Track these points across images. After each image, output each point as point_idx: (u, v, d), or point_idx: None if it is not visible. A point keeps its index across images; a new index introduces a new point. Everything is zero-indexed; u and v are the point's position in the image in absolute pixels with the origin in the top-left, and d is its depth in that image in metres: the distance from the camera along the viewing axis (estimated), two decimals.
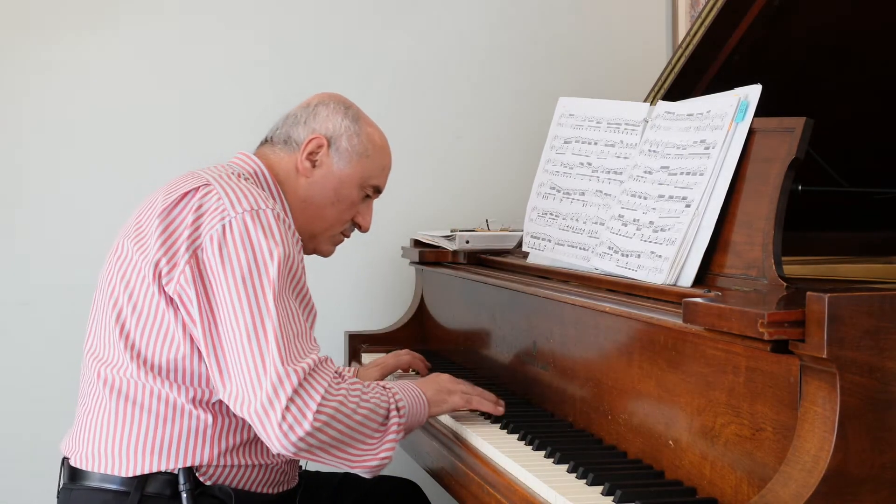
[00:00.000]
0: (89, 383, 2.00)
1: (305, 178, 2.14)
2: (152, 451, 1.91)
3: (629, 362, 1.84)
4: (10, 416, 3.18)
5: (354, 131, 2.17)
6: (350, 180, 2.16)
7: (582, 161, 2.31)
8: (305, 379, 1.83)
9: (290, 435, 1.80)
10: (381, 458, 1.92)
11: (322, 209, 2.16)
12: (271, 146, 2.17)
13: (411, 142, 3.42)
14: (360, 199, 2.20)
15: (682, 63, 2.33)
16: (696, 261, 1.84)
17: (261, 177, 2.12)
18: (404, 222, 3.36)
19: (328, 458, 1.89)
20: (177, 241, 1.91)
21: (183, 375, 1.92)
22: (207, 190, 1.94)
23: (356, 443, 1.90)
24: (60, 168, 3.21)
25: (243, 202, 1.92)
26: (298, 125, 2.16)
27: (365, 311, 3.38)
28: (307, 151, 2.13)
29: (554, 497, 1.64)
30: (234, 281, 1.86)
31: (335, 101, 2.20)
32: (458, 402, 2.11)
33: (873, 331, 1.35)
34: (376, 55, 3.40)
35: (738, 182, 1.82)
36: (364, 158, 2.17)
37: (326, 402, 1.83)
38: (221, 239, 1.88)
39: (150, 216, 1.98)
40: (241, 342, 1.84)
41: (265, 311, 1.85)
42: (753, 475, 1.50)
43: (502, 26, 3.49)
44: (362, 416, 1.89)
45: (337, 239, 2.24)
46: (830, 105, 2.18)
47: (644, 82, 2.66)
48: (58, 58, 3.20)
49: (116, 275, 1.98)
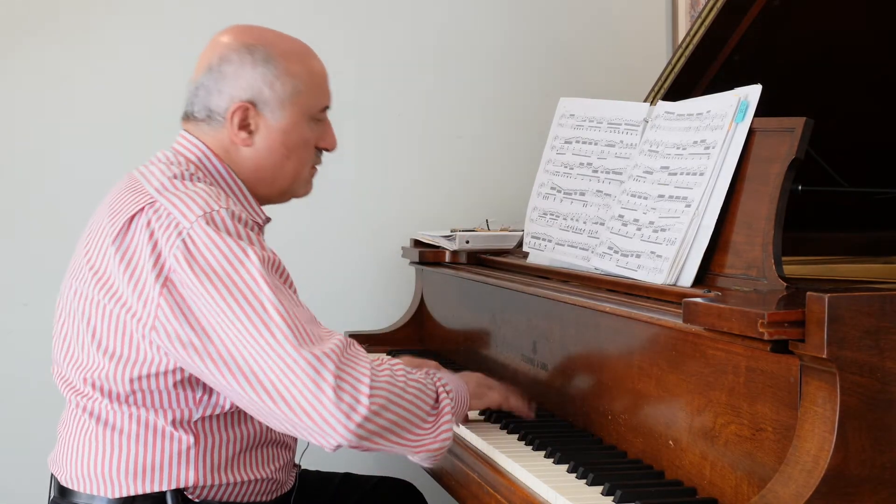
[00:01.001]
0: (67, 407, 1.94)
1: (248, 148, 1.96)
2: (135, 474, 1.85)
3: (629, 362, 1.84)
4: (11, 415, 3.18)
5: (273, 75, 1.94)
6: (294, 125, 1.97)
7: (582, 161, 2.31)
8: (344, 359, 1.73)
9: (350, 421, 1.70)
10: (441, 440, 1.84)
11: (279, 167, 1.99)
12: (197, 124, 1.98)
13: (411, 142, 3.42)
14: (313, 129, 2.01)
15: (682, 63, 2.33)
16: (696, 261, 1.84)
17: (206, 162, 1.95)
18: (404, 222, 3.35)
19: (389, 443, 1.78)
20: (140, 271, 1.79)
21: (160, 400, 1.84)
22: (154, 207, 1.81)
23: (413, 425, 1.81)
24: (61, 168, 3.21)
25: (194, 208, 1.79)
26: (212, 94, 1.95)
27: (365, 311, 3.37)
28: (236, 123, 1.94)
29: (554, 497, 1.64)
30: (219, 292, 1.74)
31: (236, 50, 1.95)
32: (497, 398, 2.09)
33: (873, 331, 1.35)
34: (376, 55, 3.40)
35: (738, 182, 1.82)
36: (297, 96, 1.96)
37: (377, 378, 1.75)
38: (187, 254, 1.76)
39: (100, 246, 1.86)
40: (257, 349, 1.72)
41: (268, 308, 1.73)
42: (753, 475, 1.50)
43: (503, 26, 3.48)
44: (412, 395, 1.81)
45: (310, 176, 2.08)
46: (830, 105, 2.18)
47: (644, 82, 2.66)
48: (60, 57, 3.21)
49: (77, 312, 1.88)
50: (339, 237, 3.38)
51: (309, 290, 3.33)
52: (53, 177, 3.21)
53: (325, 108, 2.04)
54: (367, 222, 3.40)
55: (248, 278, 1.75)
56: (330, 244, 3.37)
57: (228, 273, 1.75)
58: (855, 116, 2.29)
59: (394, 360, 1.88)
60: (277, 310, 1.73)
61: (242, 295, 1.74)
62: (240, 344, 1.74)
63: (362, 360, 1.76)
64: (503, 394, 2.11)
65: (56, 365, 1.96)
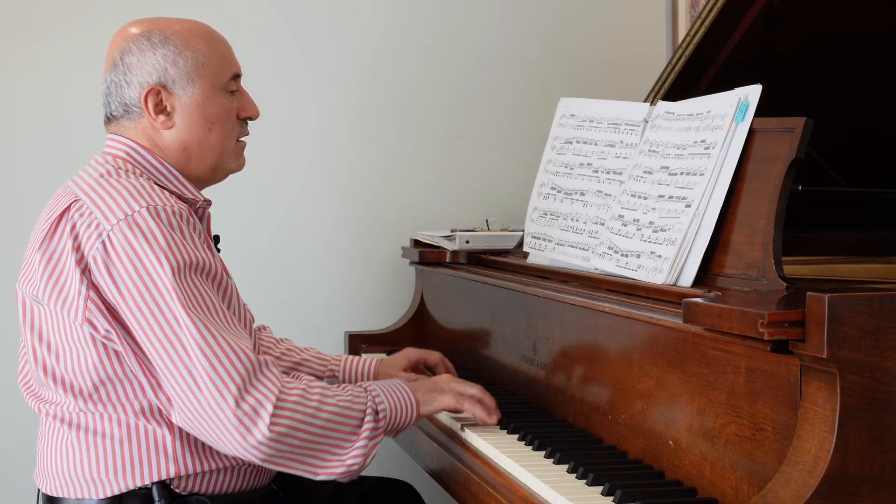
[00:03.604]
0: (41, 422, 1.98)
1: (170, 130, 1.99)
2: (117, 472, 1.88)
3: (629, 362, 1.84)
4: (10, 416, 3.18)
5: (174, 53, 1.97)
6: (207, 97, 1.99)
7: (582, 161, 2.31)
8: (251, 380, 1.79)
9: (246, 442, 1.78)
10: (348, 465, 1.88)
11: (205, 142, 2.01)
12: (118, 122, 2.01)
13: (411, 142, 3.42)
14: (230, 99, 2.03)
15: (682, 63, 2.33)
16: (696, 261, 1.84)
17: (135, 154, 1.98)
18: (404, 222, 3.36)
19: (297, 465, 1.85)
20: (66, 271, 1.86)
21: (123, 389, 1.88)
22: (78, 206, 1.87)
23: (324, 449, 1.86)
24: (62, 168, 3.20)
25: (115, 210, 1.84)
26: (123, 88, 1.98)
27: (365, 311, 3.37)
28: (152, 107, 1.97)
29: (554, 497, 1.64)
30: (133, 302, 1.81)
31: (134, 40, 1.98)
32: (449, 402, 2.07)
33: (873, 331, 1.35)
34: (376, 54, 3.40)
35: (739, 182, 1.82)
36: (201, 68, 1.99)
37: (283, 402, 1.80)
38: (106, 258, 1.82)
39: (31, 251, 1.93)
40: (165, 362, 1.80)
41: (174, 323, 1.79)
42: (753, 475, 1.50)
43: (503, 26, 3.48)
44: (325, 420, 1.85)
45: (239, 148, 2.08)
46: (830, 105, 2.18)
47: (644, 82, 2.66)
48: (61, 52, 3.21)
49: (23, 321, 1.95)
50: (339, 237, 3.38)
51: (309, 291, 3.36)
52: (52, 177, 3.21)
53: (236, 77, 2.06)
54: (368, 222, 3.40)
55: (156, 293, 1.81)
56: (330, 244, 3.37)
57: (137, 286, 1.81)
58: (855, 116, 2.29)
59: (315, 382, 1.90)
60: (187, 326, 1.80)
61: (150, 310, 1.81)
62: (150, 353, 1.82)
63: (270, 383, 1.81)
64: (457, 398, 2.07)
65: (20, 376, 2.02)
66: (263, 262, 3.29)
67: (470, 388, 2.11)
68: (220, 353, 1.79)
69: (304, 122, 3.34)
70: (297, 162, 3.35)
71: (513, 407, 2.18)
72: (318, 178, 3.37)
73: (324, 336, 3.22)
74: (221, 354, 1.79)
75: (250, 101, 2.09)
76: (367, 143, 3.40)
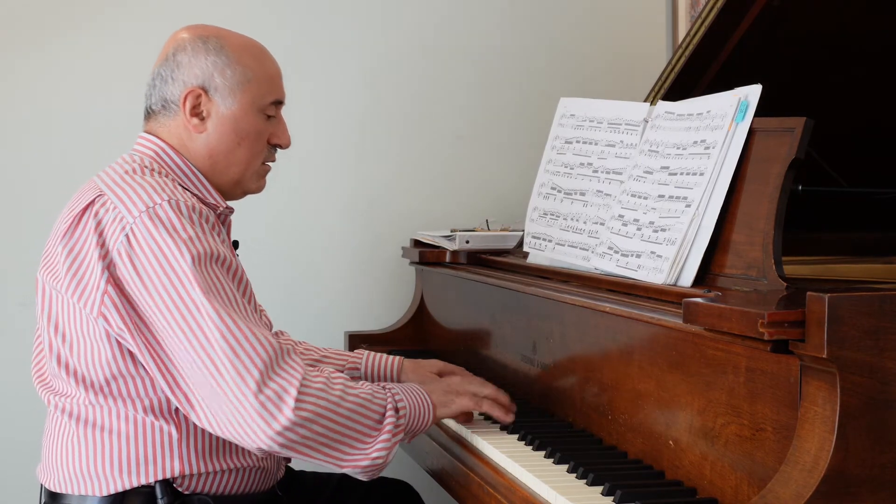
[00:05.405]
0: (48, 414, 1.98)
1: (201, 134, 2.01)
2: (121, 469, 1.89)
3: (629, 362, 1.84)
4: (10, 416, 3.18)
5: (224, 63, 2.00)
6: (244, 114, 2.02)
7: (583, 161, 2.31)
8: (274, 366, 1.79)
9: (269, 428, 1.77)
10: (372, 458, 1.87)
11: (231, 155, 2.03)
12: (155, 118, 2.04)
13: (412, 142, 3.42)
14: (265, 122, 2.06)
15: (682, 63, 2.33)
16: (697, 261, 1.84)
17: (163, 155, 2.01)
18: (404, 222, 3.35)
19: (316, 454, 1.84)
20: (87, 264, 1.87)
21: (135, 384, 1.88)
22: (102, 200, 1.89)
23: (347, 439, 1.85)
24: (62, 169, 3.21)
25: (137, 203, 1.86)
26: (167, 84, 2.01)
27: (365, 311, 3.37)
28: (188, 108, 2.00)
29: (554, 497, 1.64)
30: (157, 292, 1.82)
31: (191, 41, 2.02)
32: (467, 403, 2.07)
33: (873, 331, 1.35)
34: (376, 55, 3.40)
35: (739, 182, 1.82)
36: (246, 84, 2.01)
37: (307, 389, 1.80)
38: (130, 251, 1.84)
39: (54, 241, 1.94)
40: (186, 351, 1.80)
41: (196, 311, 1.80)
42: (753, 475, 1.50)
43: (503, 27, 3.48)
44: (348, 410, 1.85)
45: (262, 171, 2.10)
46: (830, 105, 2.18)
47: (644, 82, 2.66)
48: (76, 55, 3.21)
49: (41, 310, 1.96)
50: (339, 237, 3.38)
51: (309, 291, 3.36)
52: (51, 177, 3.21)
53: (278, 103, 2.08)
54: (368, 222, 3.40)
55: (177, 281, 1.82)
56: (330, 244, 3.37)
57: (159, 275, 1.82)
58: (855, 116, 2.29)
59: (337, 374, 1.90)
60: (207, 313, 1.80)
61: (171, 299, 1.81)
62: (171, 344, 1.82)
63: (293, 369, 1.81)
64: (475, 399, 2.08)
65: (33, 366, 2.02)
66: (263, 262, 3.29)
67: (484, 388, 2.11)
68: (243, 338, 1.80)
69: (305, 123, 3.33)
70: (297, 162, 3.34)
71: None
72: (318, 179, 3.37)
73: (324, 336, 3.21)
74: (244, 340, 1.80)
75: (285, 129, 2.11)
76: (368, 143, 3.40)
